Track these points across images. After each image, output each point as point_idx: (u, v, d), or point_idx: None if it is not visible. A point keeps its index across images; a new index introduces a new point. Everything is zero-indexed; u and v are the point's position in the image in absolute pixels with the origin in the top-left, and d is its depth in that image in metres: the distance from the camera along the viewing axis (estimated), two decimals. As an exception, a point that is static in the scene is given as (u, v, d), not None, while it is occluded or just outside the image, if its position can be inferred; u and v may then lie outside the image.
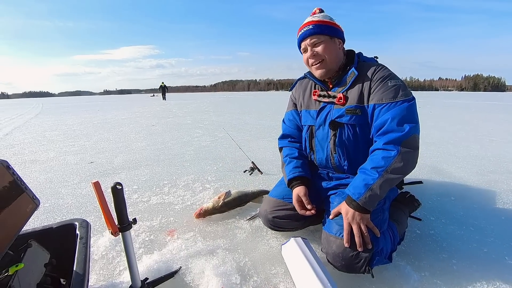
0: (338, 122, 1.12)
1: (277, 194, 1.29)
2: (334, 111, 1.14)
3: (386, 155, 0.96)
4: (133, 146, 3.64)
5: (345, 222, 0.97)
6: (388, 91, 1.04)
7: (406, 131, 0.96)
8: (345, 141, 1.13)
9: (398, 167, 0.94)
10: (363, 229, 0.95)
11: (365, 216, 0.96)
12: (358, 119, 1.09)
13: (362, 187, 0.96)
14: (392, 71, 1.11)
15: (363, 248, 0.93)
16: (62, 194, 1.99)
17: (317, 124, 1.20)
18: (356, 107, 1.09)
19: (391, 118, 0.99)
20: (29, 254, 0.71)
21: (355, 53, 1.21)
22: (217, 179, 2.20)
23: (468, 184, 2.06)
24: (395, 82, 1.06)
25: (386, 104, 1.02)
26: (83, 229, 0.90)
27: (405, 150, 0.95)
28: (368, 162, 1.01)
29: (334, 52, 1.13)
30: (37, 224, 1.51)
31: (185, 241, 1.31)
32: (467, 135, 4.22)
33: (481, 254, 1.19)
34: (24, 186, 0.74)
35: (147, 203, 1.78)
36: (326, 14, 1.17)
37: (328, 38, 1.12)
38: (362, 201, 0.95)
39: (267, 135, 4.30)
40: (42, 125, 6.48)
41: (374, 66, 1.11)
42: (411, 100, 1.03)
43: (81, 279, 0.72)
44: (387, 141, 0.98)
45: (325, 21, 1.13)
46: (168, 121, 6.59)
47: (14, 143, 4.10)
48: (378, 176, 0.95)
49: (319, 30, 1.11)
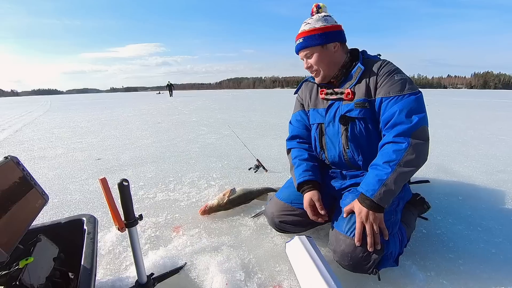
0: (349, 117, 1.11)
1: (285, 198, 1.25)
2: (343, 106, 1.13)
3: (397, 148, 0.94)
4: (139, 143, 3.67)
5: (358, 221, 0.95)
6: (395, 84, 1.03)
7: (415, 122, 0.95)
8: (357, 134, 1.11)
9: (410, 159, 0.92)
10: (375, 229, 0.93)
11: (378, 216, 0.93)
12: (368, 112, 1.08)
13: (376, 183, 0.93)
14: (397, 67, 1.10)
15: (373, 249, 0.92)
16: (70, 190, 2.02)
17: (327, 121, 1.19)
18: (365, 101, 1.08)
19: (399, 111, 0.98)
20: (38, 248, 0.73)
21: (359, 51, 1.20)
22: (222, 177, 2.21)
23: (476, 183, 2.02)
24: (401, 76, 1.05)
25: (393, 97, 1.02)
26: (91, 224, 0.92)
27: (416, 141, 0.94)
28: (379, 157, 0.99)
29: (327, 60, 1.13)
30: (46, 219, 1.54)
31: (190, 238, 1.32)
32: (476, 133, 4.14)
33: (488, 254, 1.18)
34: (34, 182, 0.76)
35: (153, 200, 1.80)
36: (321, 15, 1.14)
37: (319, 48, 1.12)
38: (376, 197, 0.91)
39: (272, 132, 4.29)
40: (50, 122, 6.59)
41: (380, 61, 1.11)
42: (418, 93, 1.02)
43: (89, 273, 0.73)
44: (396, 134, 0.97)
45: (316, 30, 1.11)
46: (173, 118, 6.63)
47: (23, 140, 4.18)
48: (391, 171, 0.92)
49: (309, 43, 1.12)
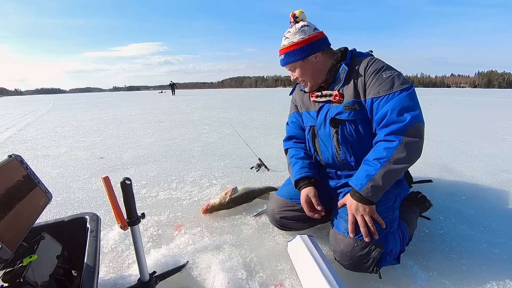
0: (338, 119, 1.11)
1: (285, 194, 1.28)
2: (333, 108, 1.13)
3: (388, 146, 0.95)
4: (141, 142, 3.69)
5: (349, 213, 0.99)
6: (384, 83, 1.01)
7: (408, 121, 0.94)
8: (348, 137, 1.11)
9: (401, 157, 0.92)
10: (367, 220, 0.95)
11: (369, 207, 0.95)
12: (358, 114, 1.07)
13: (364, 177, 0.95)
14: (385, 63, 1.07)
15: (369, 239, 0.93)
16: (73, 188, 2.04)
17: (318, 124, 1.19)
18: (354, 102, 1.07)
19: (390, 110, 0.96)
20: (42, 246, 0.73)
21: (348, 50, 1.17)
22: (224, 175, 2.22)
23: (480, 183, 2.01)
24: (390, 72, 1.02)
25: (383, 97, 1.00)
26: (94, 222, 0.92)
27: (408, 139, 0.93)
28: (371, 153, 1.01)
29: (310, 72, 1.14)
30: (50, 217, 1.56)
31: (192, 236, 1.33)
32: (479, 133, 4.11)
33: (491, 255, 1.17)
34: (37, 180, 0.77)
35: (155, 198, 1.80)
36: (299, 26, 1.11)
37: (300, 63, 1.12)
38: (364, 191, 0.94)
39: (274, 131, 4.29)
40: (53, 121, 6.63)
41: (367, 59, 1.09)
42: (410, 89, 0.99)
43: (92, 271, 0.74)
44: (388, 132, 0.96)
45: (294, 45, 1.10)
46: (176, 117, 6.65)
47: (27, 139, 4.21)
48: (380, 167, 0.94)
49: (289, 59, 1.13)
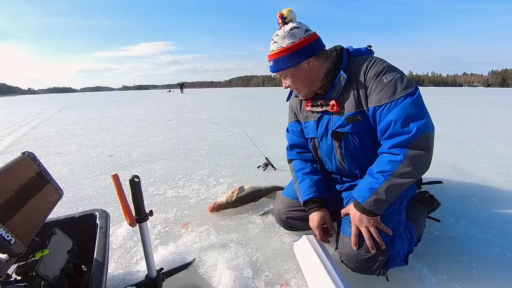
0: (341, 132, 1.05)
1: (291, 194, 1.27)
2: (333, 120, 1.06)
3: (392, 159, 0.88)
4: (150, 141, 3.73)
5: (353, 225, 0.94)
6: (385, 89, 0.92)
7: (414, 133, 0.85)
8: (352, 150, 1.06)
9: (406, 171, 0.86)
10: (373, 231, 0.91)
11: (373, 219, 0.91)
12: (361, 125, 1.00)
13: (367, 190, 0.91)
14: (387, 63, 0.98)
15: (375, 251, 0.90)
16: (83, 185, 2.08)
17: (319, 136, 1.14)
18: (356, 114, 1.00)
19: (394, 120, 0.88)
20: (53, 241, 0.75)
21: (343, 50, 1.06)
22: (231, 174, 2.23)
23: (492, 185, 1.95)
24: (391, 76, 0.93)
25: (385, 105, 0.92)
26: (103, 219, 0.94)
27: (414, 153, 0.85)
28: (375, 165, 0.95)
29: (303, 79, 1.05)
30: (61, 213, 1.59)
31: (199, 234, 1.34)
32: (492, 133, 3.99)
33: (504, 259, 1.14)
34: (49, 177, 0.79)
35: (163, 196, 1.83)
36: (288, 29, 1.00)
37: (291, 70, 1.03)
38: (367, 204, 0.90)
39: (281, 131, 4.27)
40: (65, 119, 6.78)
41: (365, 62, 0.99)
42: (414, 94, 0.90)
43: (101, 266, 0.76)
44: (392, 145, 0.89)
45: (283, 51, 1.00)
46: (183, 116, 6.70)
47: (40, 136, 4.32)
48: (384, 180, 0.88)
49: (279, 66, 1.04)
